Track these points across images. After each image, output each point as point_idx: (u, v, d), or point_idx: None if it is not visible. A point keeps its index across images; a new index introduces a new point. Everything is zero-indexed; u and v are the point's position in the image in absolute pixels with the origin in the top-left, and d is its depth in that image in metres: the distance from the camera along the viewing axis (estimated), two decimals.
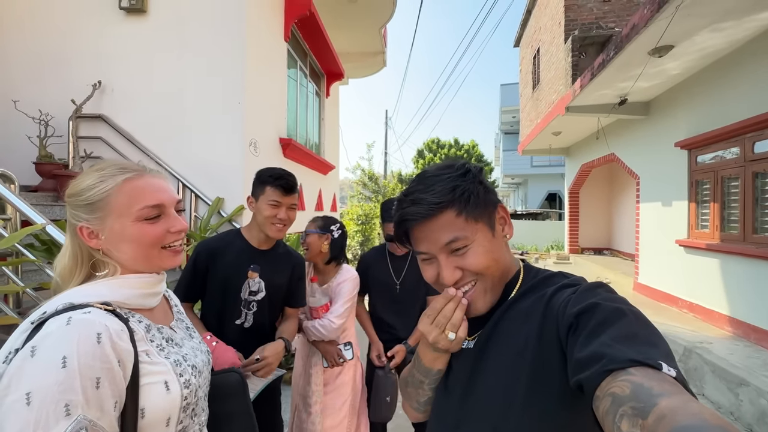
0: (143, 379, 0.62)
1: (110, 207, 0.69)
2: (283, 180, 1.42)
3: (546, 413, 0.56)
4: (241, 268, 1.42)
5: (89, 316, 0.58)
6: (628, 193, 7.74)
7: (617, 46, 3.88)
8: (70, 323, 0.56)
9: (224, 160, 3.03)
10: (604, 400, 0.42)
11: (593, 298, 0.54)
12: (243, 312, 1.43)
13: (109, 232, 0.69)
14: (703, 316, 4.24)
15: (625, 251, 8.18)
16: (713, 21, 3.15)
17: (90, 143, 3.04)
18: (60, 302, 0.60)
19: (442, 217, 0.63)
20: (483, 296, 0.65)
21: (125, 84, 3.12)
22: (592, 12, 6.11)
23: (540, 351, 0.57)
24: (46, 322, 0.57)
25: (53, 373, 0.52)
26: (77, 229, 0.69)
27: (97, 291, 0.65)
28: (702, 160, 4.36)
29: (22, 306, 1.74)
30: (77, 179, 0.72)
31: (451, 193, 0.63)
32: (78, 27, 3.14)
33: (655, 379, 0.41)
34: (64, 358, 0.53)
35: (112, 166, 0.72)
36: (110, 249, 0.69)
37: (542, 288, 0.64)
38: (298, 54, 4.55)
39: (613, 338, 0.47)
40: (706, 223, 4.31)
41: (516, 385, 0.59)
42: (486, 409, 0.62)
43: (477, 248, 0.63)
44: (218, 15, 3.07)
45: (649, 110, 5.36)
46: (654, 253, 5.38)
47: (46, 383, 0.52)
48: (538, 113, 8.00)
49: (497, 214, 0.67)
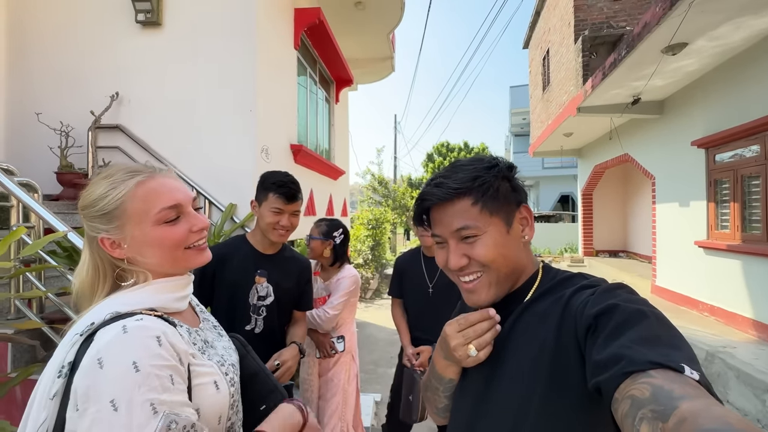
0: (194, 380, 0.63)
1: (127, 214, 0.66)
2: (286, 188, 1.42)
3: (564, 416, 0.55)
4: (248, 273, 1.43)
5: (143, 323, 0.58)
6: (644, 194, 7.58)
7: (629, 44, 3.82)
8: (127, 331, 0.56)
9: (236, 167, 3.08)
10: (623, 403, 0.41)
11: (613, 299, 0.53)
12: (253, 317, 1.43)
13: (131, 240, 0.66)
14: (725, 319, 4.10)
15: (642, 253, 7.99)
16: (728, 17, 3.09)
17: (108, 152, 3.13)
18: (104, 312, 0.60)
19: (458, 203, 0.65)
20: (486, 289, 0.66)
21: (141, 94, 3.21)
22: (602, 11, 6.05)
23: (558, 353, 0.57)
24: (97, 332, 0.57)
25: (130, 378, 0.53)
26: (98, 240, 0.66)
27: (137, 299, 0.64)
28: (720, 159, 4.25)
29: (45, 311, 1.80)
30: (88, 189, 0.69)
31: (471, 182, 0.64)
32: (97, 42, 3.25)
33: (676, 382, 0.40)
34: (135, 363, 0.54)
35: (121, 171, 0.69)
36: (135, 257, 0.67)
37: (560, 289, 0.63)
38: (307, 61, 4.61)
39: (633, 340, 0.46)
40: (726, 223, 4.19)
41: (533, 387, 0.58)
42: (503, 411, 0.62)
43: (487, 240, 0.64)
44: (230, 26, 3.14)
45: (664, 109, 5.26)
46: (672, 255, 5.24)
47: (127, 387, 0.52)
48: (548, 115, 7.92)
49: (519, 213, 0.67)
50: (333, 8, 4.73)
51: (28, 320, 1.60)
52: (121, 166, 0.71)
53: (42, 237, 1.57)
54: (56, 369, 0.56)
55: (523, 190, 0.70)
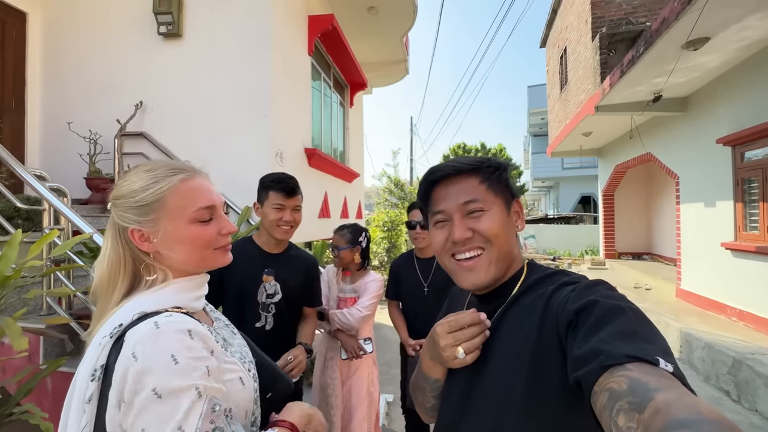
0: (223, 377, 0.63)
1: (165, 208, 0.66)
2: (284, 183, 1.49)
3: (545, 411, 0.56)
4: (256, 272, 1.48)
5: (173, 318, 0.59)
6: (668, 194, 7.31)
7: (647, 41, 3.73)
8: (160, 326, 0.57)
9: (252, 171, 3.18)
10: (602, 396, 0.43)
11: (592, 295, 0.55)
12: (262, 315, 1.48)
13: (163, 234, 0.66)
14: (754, 324, 3.91)
15: (667, 255, 7.70)
16: (751, 10, 2.97)
17: (133, 158, 3.29)
18: (131, 313, 0.60)
19: (467, 179, 0.69)
20: (486, 268, 0.66)
21: (163, 103, 3.37)
22: (620, 8, 5.90)
23: (540, 348, 0.58)
24: (127, 333, 0.57)
25: (170, 368, 0.53)
26: (129, 232, 0.65)
27: (161, 299, 0.64)
28: (748, 157, 4.07)
29: (73, 308, 1.92)
30: (126, 180, 0.68)
31: (480, 164, 0.70)
32: (123, 53, 3.43)
33: (652, 375, 0.41)
34: (173, 356, 0.54)
35: (164, 167, 0.69)
36: (163, 251, 0.67)
37: (544, 285, 0.64)
38: (321, 66, 4.70)
39: (611, 335, 0.47)
40: (755, 224, 4.00)
41: (516, 382, 0.59)
42: (486, 406, 0.63)
43: (492, 215, 0.67)
44: (246, 36, 3.26)
45: (687, 106, 5.08)
46: (697, 257, 5.04)
47: (169, 376, 0.53)
48: (566, 114, 7.76)
49: (513, 206, 0.72)
50: (346, 14, 4.81)
51: (57, 316, 1.71)
52: (163, 162, 0.72)
53: (71, 238, 1.68)
54: (89, 373, 0.57)
55: (515, 187, 0.75)
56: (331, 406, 1.77)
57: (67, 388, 0.61)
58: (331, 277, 1.99)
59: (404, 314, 2.15)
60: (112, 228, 0.68)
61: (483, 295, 0.71)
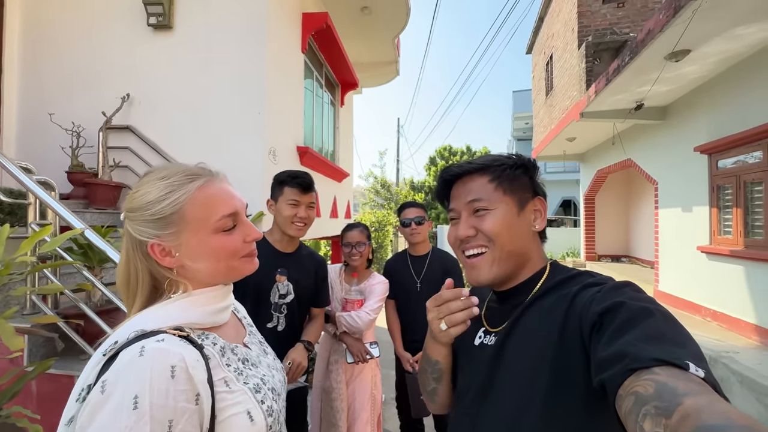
0: (225, 412, 0.57)
1: (185, 220, 0.61)
2: (300, 179, 1.48)
3: (566, 413, 0.55)
4: (269, 272, 1.45)
5: (163, 345, 0.53)
6: (646, 199, 7.60)
7: (632, 51, 3.86)
8: (143, 354, 0.51)
9: (245, 168, 3.12)
10: (627, 399, 0.41)
11: (619, 297, 0.53)
12: (275, 315, 1.46)
13: (186, 248, 0.61)
14: (728, 324, 4.11)
15: (644, 258, 8.00)
16: (732, 24, 3.12)
17: (118, 153, 3.17)
18: (132, 329, 0.56)
19: (476, 179, 0.70)
20: (489, 266, 0.67)
21: (151, 96, 3.27)
22: (605, 18, 6.10)
23: (562, 350, 0.57)
24: (120, 353, 0.53)
25: (124, 416, 0.48)
26: (149, 247, 0.61)
27: (168, 314, 0.59)
28: (723, 165, 4.27)
29: (59, 307, 1.84)
30: (139, 190, 0.63)
31: (491, 162, 0.70)
32: (109, 43, 3.31)
33: (680, 379, 0.40)
34: (136, 398, 0.48)
35: (180, 173, 0.64)
36: (186, 265, 0.62)
37: (567, 286, 0.63)
38: (314, 65, 4.67)
39: (637, 337, 0.46)
40: (729, 229, 4.21)
41: (536, 383, 0.58)
42: (505, 405, 0.62)
43: (496, 214, 0.67)
44: (240, 30, 3.20)
45: (667, 115, 5.29)
46: (674, 260, 5.26)
47: (116, 428, 0.47)
48: (551, 119, 7.96)
49: (533, 204, 0.71)
50: (340, 13, 4.79)
51: (45, 315, 1.63)
52: (178, 167, 0.66)
53: (59, 235, 1.61)
54: (77, 393, 0.53)
55: (539, 185, 0.74)
56: (337, 409, 1.74)
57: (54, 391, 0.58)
58: (335, 278, 1.96)
59: (398, 311, 2.19)
60: (128, 240, 0.63)
61: (502, 293, 0.71)
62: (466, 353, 0.74)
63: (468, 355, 0.74)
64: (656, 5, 5.83)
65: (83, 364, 1.67)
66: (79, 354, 1.73)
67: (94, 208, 2.94)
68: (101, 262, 1.85)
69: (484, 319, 0.74)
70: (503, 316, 0.69)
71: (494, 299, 0.75)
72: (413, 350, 2.07)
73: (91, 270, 1.74)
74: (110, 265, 2.05)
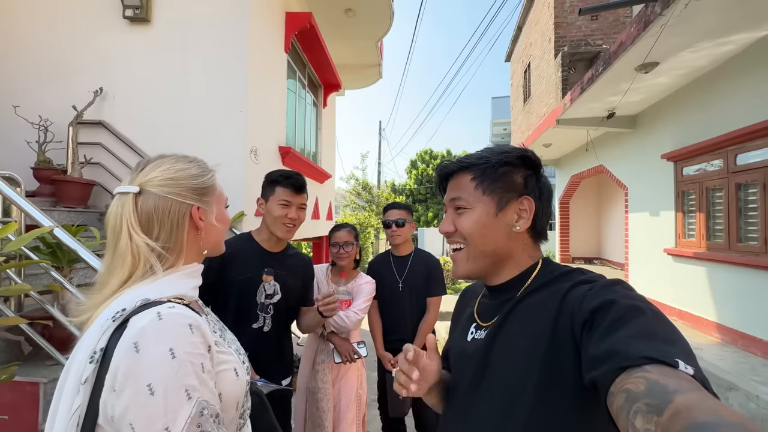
0: (218, 367, 0.65)
1: (215, 194, 0.78)
2: (293, 179, 1.45)
3: (557, 409, 0.56)
4: (256, 271, 1.42)
5: (176, 310, 0.60)
6: (617, 204, 7.93)
7: (606, 61, 4.04)
8: (162, 317, 0.58)
9: (226, 168, 3.02)
10: (618, 397, 0.42)
11: (610, 294, 0.54)
12: (261, 316, 1.42)
13: (211, 215, 0.76)
14: (692, 323, 4.34)
15: (615, 260, 8.33)
16: (696, 40, 3.33)
17: (90, 149, 3.04)
18: (135, 299, 0.61)
19: (461, 177, 0.72)
20: (463, 263, 0.71)
21: (127, 91, 3.15)
22: (580, 29, 6.36)
23: (553, 346, 0.57)
24: (130, 319, 0.58)
25: (167, 364, 0.55)
26: (193, 209, 0.71)
27: (165, 287, 0.65)
28: (687, 172, 4.52)
29: (23, 309, 1.73)
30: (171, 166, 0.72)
31: (476, 160, 0.71)
32: (80, 34, 3.17)
33: (671, 377, 0.40)
34: (171, 350, 0.55)
35: (199, 161, 0.79)
36: (207, 229, 0.75)
37: (558, 283, 0.63)
38: (297, 65, 4.63)
39: (628, 335, 0.46)
40: (692, 232, 4.45)
41: (527, 379, 0.58)
42: (494, 401, 0.62)
43: (471, 215, 0.69)
44: (221, 26, 3.13)
45: (636, 123, 5.56)
46: (643, 262, 5.51)
47: (164, 373, 0.54)
48: (529, 126, 8.20)
49: (518, 204, 0.68)
50: (323, 14, 4.78)
51: (8, 317, 1.54)
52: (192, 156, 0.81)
53: (27, 233, 1.52)
54: (88, 354, 0.57)
55: (532, 183, 0.70)
56: (323, 410, 1.72)
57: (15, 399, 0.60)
58: (322, 278, 1.95)
59: (380, 310, 2.20)
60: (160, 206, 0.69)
61: (493, 288, 0.72)
62: (459, 349, 0.75)
63: (460, 351, 0.74)
64: (627, 19, 6.13)
65: (49, 369, 1.58)
66: (45, 359, 1.63)
67: (63, 206, 2.79)
68: (71, 262, 1.75)
69: (476, 314, 0.75)
70: (494, 311, 0.69)
71: (486, 294, 0.75)
72: (394, 350, 2.07)
73: (60, 270, 1.65)
74: (81, 266, 1.95)
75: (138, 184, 0.69)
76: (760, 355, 3.37)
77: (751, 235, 3.60)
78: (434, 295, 2.11)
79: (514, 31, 9.33)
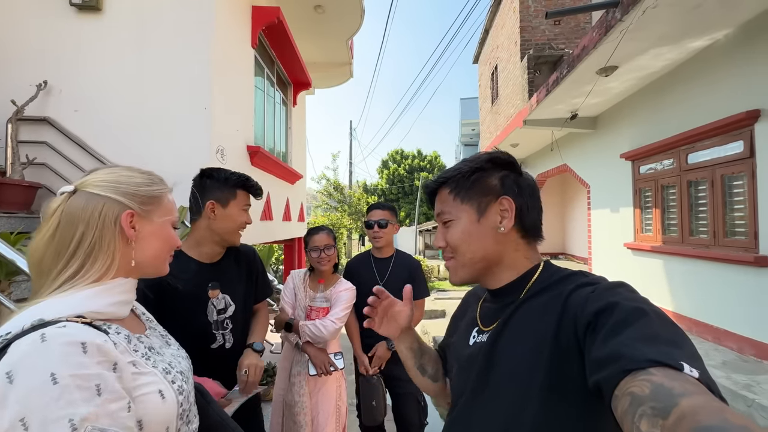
0: (137, 391, 0.59)
1: (160, 208, 0.73)
2: (252, 182, 1.36)
3: (561, 413, 0.55)
4: (200, 290, 1.27)
5: (65, 330, 0.53)
6: (580, 201, 8.32)
7: (569, 65, 4.20)
8: (46, 339, 0.51)
9: (189, 168, 2.84)
10: (623, 400, 0.42)
11: (613, 297, 0.53)
12: (218, 334, 1.29)
13: (149, 227, 0.70)
14: None
15: (579, 255, 8.74)
16: (651, 45, 3.52)
17: (32, 148, 2.75)
18: (27, 320, 0.54)
19: (442, 192, 0.75)
20: (456, 271, 0.73)
21: (75, 86, 2.88)
22: (544, 33, 6.60)
23: (556, 350, 0.56)
24: (12, 344, 0.51)
25: (46, 392, 0.47)
26: (124, 214, 0.66)
27: (68, 303, 0.59)
28: (644, 170, 4.80)
29: None
30: (117, 173, 0.70)
31: (451, 173, 0.73)
32: (20, 22, 2.87)
33: (676, 380, 0.40)
34: (53, 375, 0.48)
35: (155, 176, 0.75)
36: (138, 243, 0.69)
37: (560, 286, 0.63)
38: (265, 61, 4.46)
39: (632, 338, 0.46)
40: (649, 227, 4.73)
41: (530, 382, 0.57)
42: (498, 405, 0.62)
43: (456, 226, 0.71)
44: (182, 17, 2.95)
45: (596, 125, 5.84)
46: (605, 256, 5.80)
47: (42, 403, 0.47)
48: (497, 126, 8.42)
49: (499, 205, 0.69)
50: (292, 10, 4.64)
51: None
52: (143, 170, 0.76)
53: None
54: None
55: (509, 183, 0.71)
56: (300, 424, 1.62)
57: None
58: (299, 285, 1.84)
59: (358, 312, 2.10)
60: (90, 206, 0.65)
61: (494, 291, 0.72)
62: (461, 353, 0.74)
63: (462, 355, 0.73)
64: (587, 25, 6.43)
65: None
66: None
67: (2, 211, 2.51)
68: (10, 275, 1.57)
69: (478, 318, 0.74)
70: (495, 315, 0.68)
71: (488, 298, 0.75)
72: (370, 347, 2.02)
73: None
74: (22, 278, 1.76)
75: (76, 185, 0.67)
76: (711, 341, 3.63)
77: (701, 228, 3.87)
78: (418, 298, 2.07)
79: (482, 34, 9.55)
